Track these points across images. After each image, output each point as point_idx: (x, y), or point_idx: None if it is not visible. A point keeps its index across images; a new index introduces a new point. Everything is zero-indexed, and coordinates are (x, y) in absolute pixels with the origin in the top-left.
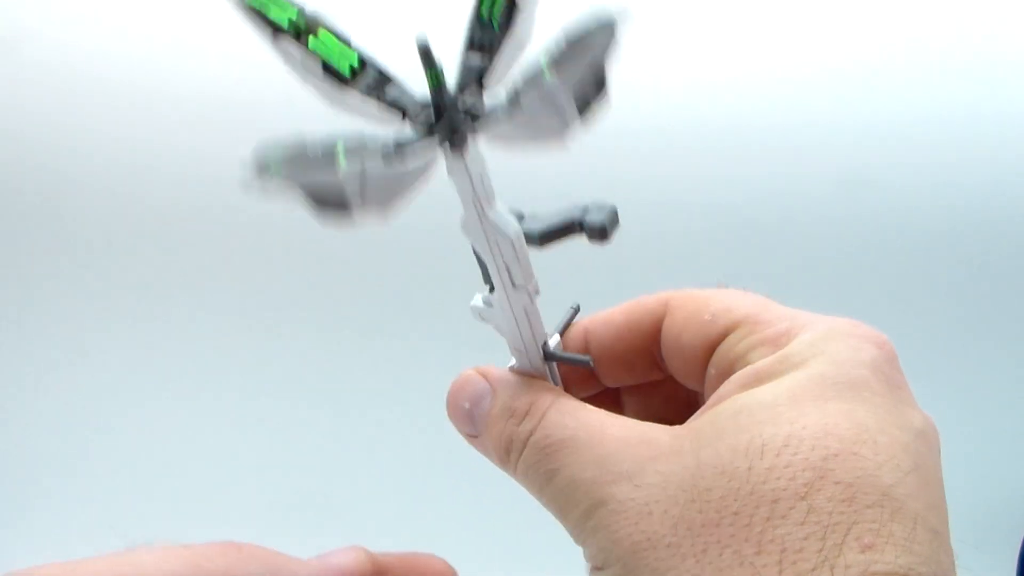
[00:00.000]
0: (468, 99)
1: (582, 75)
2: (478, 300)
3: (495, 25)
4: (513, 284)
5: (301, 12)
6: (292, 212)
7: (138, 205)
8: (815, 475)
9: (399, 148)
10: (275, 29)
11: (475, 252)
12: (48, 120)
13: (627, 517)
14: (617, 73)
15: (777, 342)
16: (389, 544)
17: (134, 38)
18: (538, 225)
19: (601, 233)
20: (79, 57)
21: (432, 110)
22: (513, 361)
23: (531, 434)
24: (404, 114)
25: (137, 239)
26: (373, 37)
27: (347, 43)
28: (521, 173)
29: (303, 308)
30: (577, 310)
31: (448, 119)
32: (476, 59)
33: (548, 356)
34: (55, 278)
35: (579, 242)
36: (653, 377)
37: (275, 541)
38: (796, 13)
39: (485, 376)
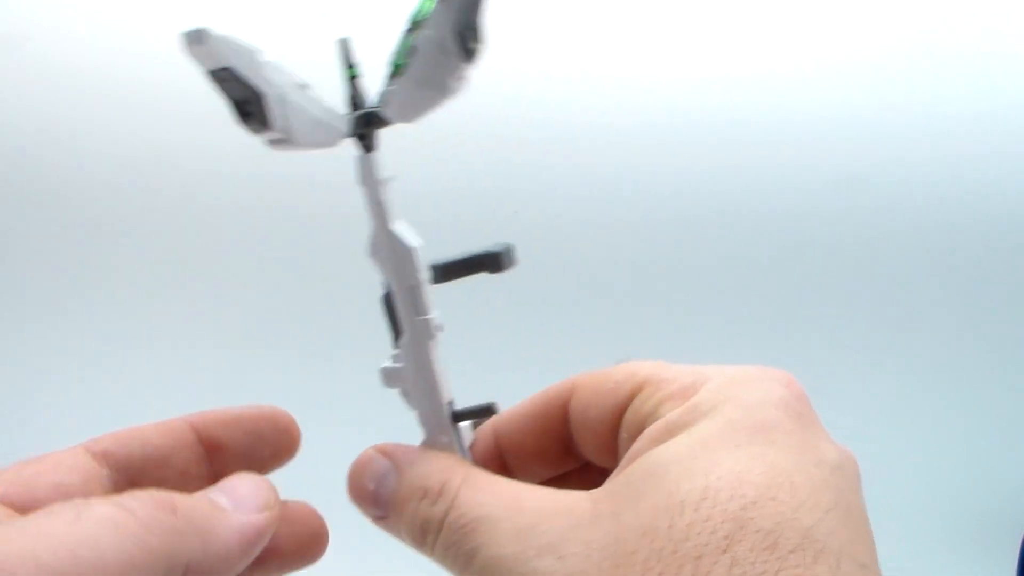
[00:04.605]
0: (382, 93)
1: (460, 12)
2: (387, 361)
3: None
4: (418, 313)
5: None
6: (293, 207)
7: (141, 201)
8: (735, 526)
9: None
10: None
11: (384, 301)
12: (50, 117)
13: None
14: (616, 69)
15: (684, 394)
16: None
17: (136, 35)
18: (440, 261)
19: (498, 261)
20: (81, 54)
21: (348, 103)
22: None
23: (446, 514)
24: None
25: (139, 234)
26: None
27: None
28: (526, 164)
29: (301, 300)
30: (490, 411)
31: (361, 115)
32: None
33: (455, 416)
34: (57, 275)
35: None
36: (569, 467)
37: None
38: (795, 11)
39: (387, 454)
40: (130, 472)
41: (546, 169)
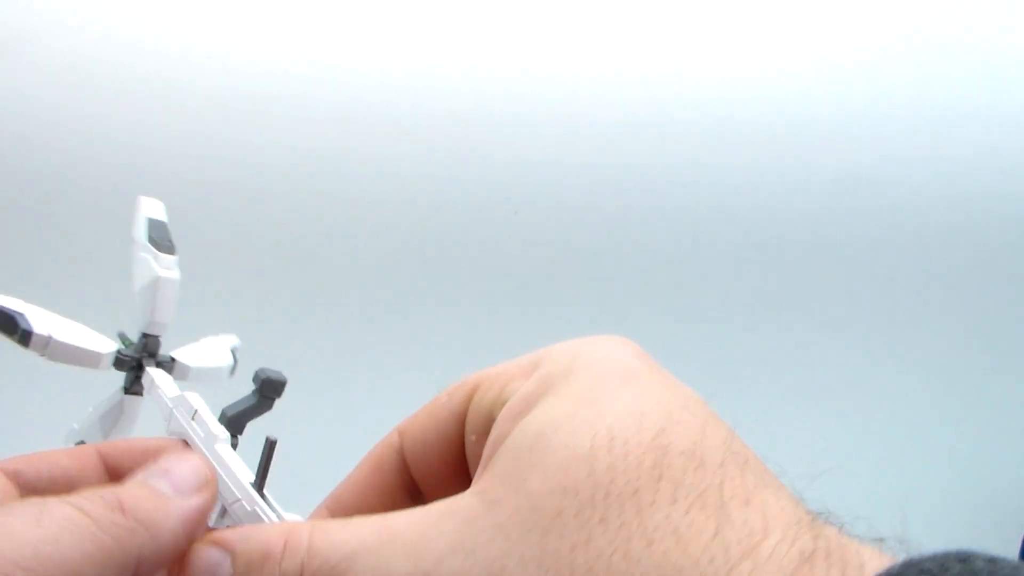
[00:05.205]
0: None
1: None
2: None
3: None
4: (202, 430)
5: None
6: (297, 207)
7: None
8: (659, 454)
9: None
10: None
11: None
12: (50, 116)
13: None
14: (617, 67)
15: (527, 372)
16: None
17: (138, 33)
18: (230, 409)
19: (275, 385)
20: (82, 53)
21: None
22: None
23: (303, 567)
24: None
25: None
26: None
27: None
28: (522, 165)
29: (301, 299)
30: (272, 444)
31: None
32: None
33: (257, 487)
34: (58, 274)
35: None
36: None
37: None
38: (795, 10)
39: (216, 542)
40: (37, 492)
41: (546, 168)
